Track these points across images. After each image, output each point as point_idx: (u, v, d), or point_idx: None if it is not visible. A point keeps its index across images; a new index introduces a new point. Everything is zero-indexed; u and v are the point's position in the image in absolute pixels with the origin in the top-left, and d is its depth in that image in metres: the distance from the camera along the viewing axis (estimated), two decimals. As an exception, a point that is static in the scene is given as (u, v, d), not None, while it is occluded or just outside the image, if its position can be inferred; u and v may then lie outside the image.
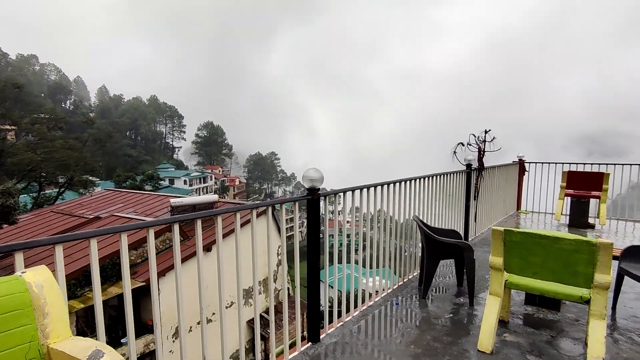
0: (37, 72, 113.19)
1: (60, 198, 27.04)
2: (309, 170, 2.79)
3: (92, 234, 1.96)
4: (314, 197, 2.84)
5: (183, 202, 13.78)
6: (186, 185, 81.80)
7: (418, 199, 4.34)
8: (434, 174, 4.57)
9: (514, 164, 7.82)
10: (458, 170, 5.07)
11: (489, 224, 6.65)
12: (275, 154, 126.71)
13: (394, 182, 3.96)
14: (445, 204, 4.77)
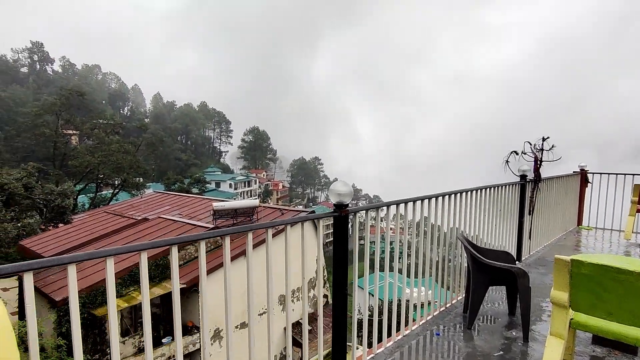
0: (100, 80, 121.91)
1: (114, 199, 28.63)
2: (337, 184, 2.51)
3: (108, 253, 1.79)
4: (342, 214, 2.55)
5: (225, 206, 13.97)
6: (231, 188, 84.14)
7: (464, 215, 3.90)
8: (483, 187, 4.10)
9: (575, 174, 7.05)
10: (511, 182, 4.55)
11: (545, 241, 6.00)
12: (319, 159, 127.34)
13: (436, 195, 3.57)
14: (495, 219, 4.28)
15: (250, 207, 14.41)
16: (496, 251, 3.47)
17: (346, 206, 2.55)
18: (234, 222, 14.68)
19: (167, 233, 13.21)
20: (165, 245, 2.12)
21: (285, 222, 2.56)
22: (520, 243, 4.88)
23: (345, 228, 2.65)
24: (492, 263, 3.02)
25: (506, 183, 4.45)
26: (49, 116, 27.40)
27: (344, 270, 2.69)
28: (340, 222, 2.65)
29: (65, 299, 9.69)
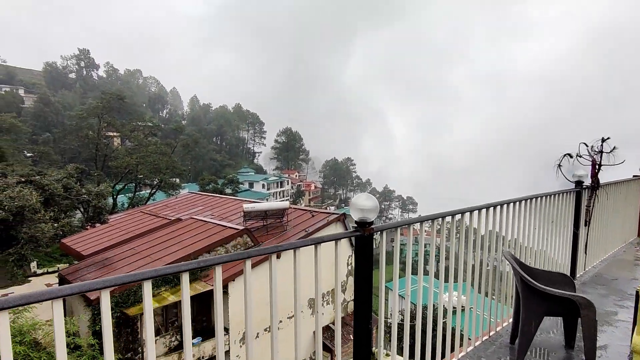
0: (141, 84, 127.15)
1: (152, 198, 29.52)
2: (359, 197, 2.11)
3: (103, 285, 1.54)
4: (365, 234, 2.17)
5: (255, 207, 13.90)
6: (264, 189, 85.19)
7: (510, 227, 3.42)
8: (534, 196, 3.61)
9: (635, 179, 6.29)
10: (565, 190, 4.00)
11: (602, 254, 5.33)
12: (351, 160, 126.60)
13: (477, 208, 3.14)
14: (545, 230, 3.77)
15: (280, 209, 14.26)
16: (550, 273, 2.96)
17: (370, 224, 2.14)
18: (265, 224, 14.58)
19: (198, 234, 13.29)
20: (172, 272, 1.83)
21: (293, 246, 2.16)
22: (575, 258, 4.30)
23: (369, 250, 2.26)
24: (549, 290, 2.55)
25: (560, 191, 3.90)
26: (92, 119, 28.65)
27: (366, 302, 2.29)
28: (364, 243, 2.22)
29: (98, 298, 9.88)
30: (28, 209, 8.15)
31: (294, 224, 14.86)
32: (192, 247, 12.29)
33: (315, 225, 14.32)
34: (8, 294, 18.00)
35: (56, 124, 70.09)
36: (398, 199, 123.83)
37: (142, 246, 13.13)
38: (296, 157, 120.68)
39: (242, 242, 12.97)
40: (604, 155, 3.97)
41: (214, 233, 13.10)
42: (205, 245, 12.24)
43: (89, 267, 12.09)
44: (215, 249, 12.41)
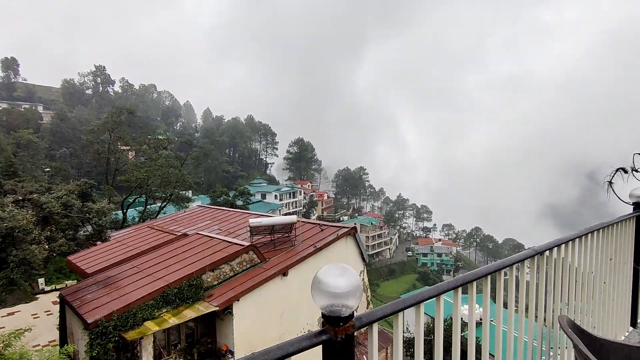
0: (155, 99, 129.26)
1: (162, 212, 29.34)
2: (327, 273, 1.23)
3: None
4: (338, 337, 1.23)
5: (262, 222, 13.37)
6: (277, 199, 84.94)
7: (561, 277, 2.64)
8: (590, 230, 2.84)
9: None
10: (622, 217, 3.23)
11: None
12: (364, 169, 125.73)
13: (514, 262, 2.30)
14: (602, 271, 2.94)
15: (288, 223, 13.70)
16: (628, 347, 2.13)
17: (349, 317, 1.25)
18: (272, 239, 14.04)
19: (202, 250, 12.80)
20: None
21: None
22: (637, 302, 3.55)
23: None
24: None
25: (619, 218, 3.15)
26: (104, 134, 28.78)
27: None
28: (338, 353, 1.24)
29: (96, 321, 9.42)
30: (19, 230, 7.81)
31: (302, 238, 14.27)
32: (196, 265, 11.79)
33: (324, 240, 13.69)
34: (15, 312, 17.81)
35: (73, 139, 71.39)
36: (412, 207, 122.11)
37: (146, 264, 12.70)
38: (308, 167, 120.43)
39: (247, 259, 12.42)
40: None
41: (218, 250, 12.60)
42: (209, 263, 11.72)
43: (90, 287, 11.69)
44: (220, 266, 11.88)
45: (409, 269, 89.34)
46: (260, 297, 11.87)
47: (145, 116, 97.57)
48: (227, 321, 11.31)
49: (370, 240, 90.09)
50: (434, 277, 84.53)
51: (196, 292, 11.06)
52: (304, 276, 12.82)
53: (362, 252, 14.73)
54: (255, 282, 11.70)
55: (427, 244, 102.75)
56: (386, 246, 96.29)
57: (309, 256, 12.81)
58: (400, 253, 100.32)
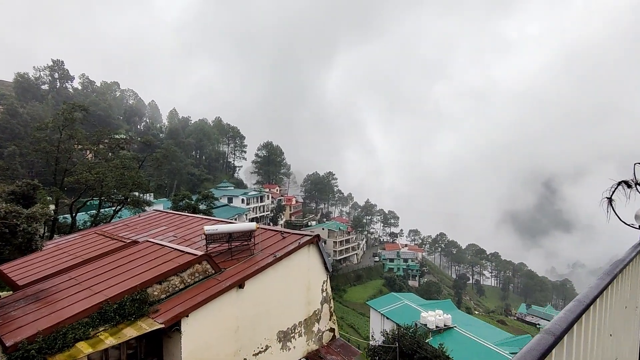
0: (118, 97, 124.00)
1: (117, 216, 27.51)
2: None
3: None
4: None
5: (218, 230, 12.40)
6: (244, 204, 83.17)
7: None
8: (608, 282, 2.03)
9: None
10: (635, 249, 2.58)
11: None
12: (333, 174, 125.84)
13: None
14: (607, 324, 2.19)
15: (247, 231, 12.81)
16: None
17: None
18: (229, 247, 13.09)
19: (151, 260, 11.69)
20: None
21: None
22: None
23: None
24: None
25: (631, 253, 2.43)
26: (53, 132, 26.69)
27: None
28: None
29: (17, 344, 8.17)
30: None
31: (262, 246, 13.41)
32: (142, 276, 10.67)
33: (286, 249, 12.90)
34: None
35: (24, 137, 66.87)
36: (380, 213, 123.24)
37: (86, 275, 11.43)
38: (277, 171, 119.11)
39: (201, 270, 11.43)
40: None
41: (169, 259, 11.51)
42: (157, 275, 10.65)
43: (18, 302, 10.31)
44: (169, 278, 10.82)
45: (375, 275, 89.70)
46: (213, 312, 10.90)
47: (106, 115, 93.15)
48: (175, 339, 10.27)
49: (337, 246, 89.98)
50: (400, 283, 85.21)
51: (140, 307, 9.95)
52: (263, 288, 11.98)
53: (325, 261, 14.03)
54: (208, 295, 10.72)
55: (394, 249, 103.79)
56: (354, 251, 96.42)
57: (268, 266, 11.97)
58: (368, 258, 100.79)
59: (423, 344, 28.69)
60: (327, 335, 14.75)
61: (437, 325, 36.97)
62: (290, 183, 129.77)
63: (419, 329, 31.14)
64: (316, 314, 14.18)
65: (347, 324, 58.38)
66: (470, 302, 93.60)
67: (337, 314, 61.28)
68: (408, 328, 29.36)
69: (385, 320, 40.81)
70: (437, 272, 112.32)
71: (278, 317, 12.87)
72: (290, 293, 13.22)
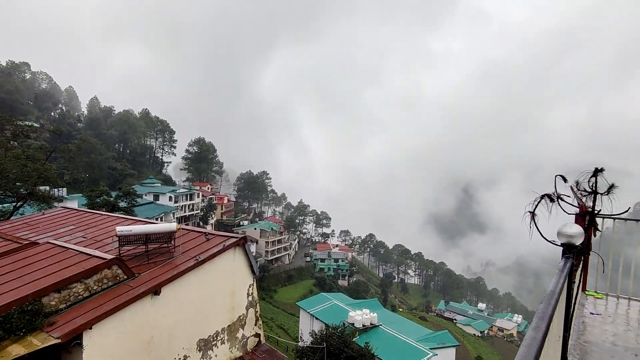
0: (28, 80, 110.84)
1: (18, 213, 24.34)
2: None
3: None
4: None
5: (132, 230, 11.32)
6: (171, 202, 78.82)
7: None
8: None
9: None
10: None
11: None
12: (267, 173, 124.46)
13: None
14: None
15: (167, 232, 11.86)
16: None
17: None
18: (146, 250, 12.03)
19: (51, 264, 10.31)
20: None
21: None
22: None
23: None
24: None
25: (557, 289, 2.14)
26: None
27: None
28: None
29: None
30: None
31: (184, 249, 12.52)
32: (37, 283, 9.33)
33: (210, 251, 12.16)
34: None
35: None
36: (312, 213, 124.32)
37: (-35, 283, 9.74)
38: (209, 168, 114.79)
39: (110, 276, 10.31)
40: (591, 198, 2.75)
41: (72, 264, 10.23)
42: (56, 282, 9.39)
43: None
44: (71, 285, 9.60)
45: (306, 275, 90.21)
46: (123, 322, 9.89)
47: (12, 99, 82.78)
48: (76, 355, 9.13)
49: (270, 246, 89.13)
50: (330, 282, 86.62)
51: (31, 320, 8.68)
52: (182, 294, 11.17)
53: (252, 263, 13.51)
54: (117, 304, 9.68)
55: (325, 249, 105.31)
56: (286, 252, 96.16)
57: (188, 270, 11.18)
58: (299, 258, 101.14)
59: (350, 343, 29.26)
60: (252, 341, 14.23)
61: (363, 324, 38.01)
62: (223, 181, 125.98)
63: (346, 329, 31.73)
64: (241, 320, 13.60)
65: (277, 325, 57.85)
66: (395, 300, 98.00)
67: (267, 315, 60.37)
68: (336, 328, 29.74)
69: (315, 321, 41.07)
70: (366, 272, 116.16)
71: (199, 325, 12.10)
72: (212, 298, 12.51)
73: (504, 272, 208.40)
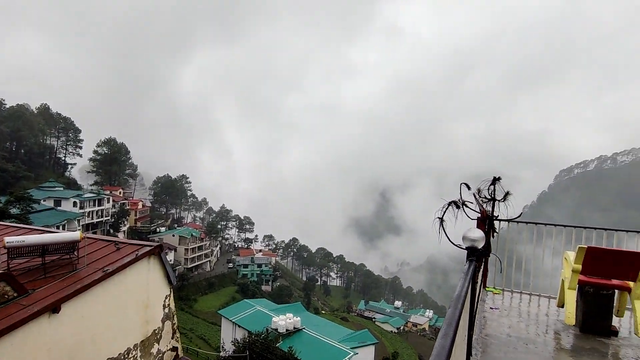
0: None
1: None
2: None
3: None
4: None
5: (25, 241, 9.99)
6: (76, 207, 71.35)
7: None
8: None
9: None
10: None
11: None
12: (186, 177, 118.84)
13: None
14: None
15: (69, 242, 10.68)
16: None
17: None
18: (44, 262, 10.72)
19: None
20: None
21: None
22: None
23: None
24: None
25: (462, 291, 2.23)
26: None
27: None
28: None
29: None
30: None
31: (89, 260, 11.38)
32: None
33: (119, 262, 11.20)
34: None
35: None
36: (235, 218, 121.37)
37: None
38: (121, 171, 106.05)
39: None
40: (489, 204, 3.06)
41: (-55, 282, 8.74)
42: None
43: None
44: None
45: (229, 281, 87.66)
46: (12, 346, 8.70)
47: None
48: (-52, 389, 7.80)
49: (190, 253, 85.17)
50: (254, 288, 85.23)
51: None
52: (87, 310, 10.14)
53: (168, 273, 12.74)
54: (5, 326, 8.49)
55: (249, 254, 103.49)
56: (207, 259, 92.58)
57: (94, 284, 10.19)
58: (221, 265, 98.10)
59: (273, 349, 29.01)
60: (168, 355, 13.38)
61: (287, 329, 37.98)
62: (137, 185, 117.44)
63: (270, 334, 31.43)
64: (156, 334, 12.72)
65: (198, 336, 55.25)
66: (318, 303, 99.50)
67: (187, 326, 57.38)
68: (259, 334, 29.31)
69: (237, 329, 40.02)
70: (290, 276, 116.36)
71: (107, 343, 11.04)
72: (123, 313, 11.51)
73: (417, 270, 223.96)
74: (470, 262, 2.51)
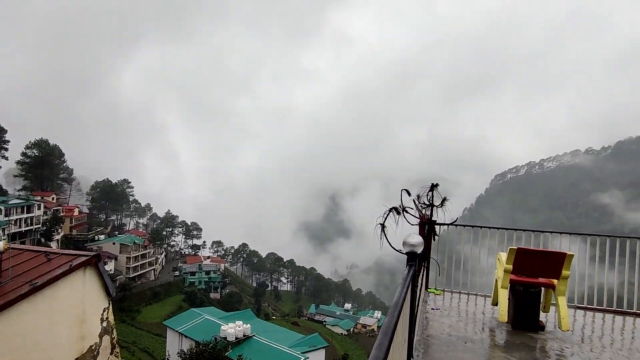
0: None
1: None
2: None
3: None
4: None
5: (-62, 255, 8.96)
6: (1, 215, 64.97)
7: None
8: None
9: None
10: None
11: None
12: (128, 182, 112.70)
13: None
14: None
15: (-13, 254, 9.74)
16: None
17: None
18: (-40, 278, 9.66)
19: None
20: None
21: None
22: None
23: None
24: None
25: (400, 297, 2.23)
26: None
27: None
28: None
29: None
30: None
31: (15, 272, 10.43)
32: None
33: (50, 274, 10.37)
34: None
35: None
36: (182, 224, 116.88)
37: None
38: (55, 175, 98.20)
39: None
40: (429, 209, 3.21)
41: None
42: None
43: None
44: None
45: (175, 290, 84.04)
46: None
47: None
48: None
49: (132, 262, 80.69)
50: (202, 296, 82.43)
51: None
52: (11, 328, 9.27)
53: (107, 285, 11.99)
54: None
55: (196, 262, 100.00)
56: (151, 267, 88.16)
57: (20, 299, 9.34)
58: (167, 273, 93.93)
59: (222, 358, 28.20)
60: (107, 371, 12.56)
61: (236, 337, 37.12)
62: (73, 190, 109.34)
63: (218, 344, 30.50)
64: (93, 350, 11.88)
65: (141, 349, 52.28)
66: (268, 308, 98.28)
67: (129, 339, 54.26)
68: (207, 344, 28.36)
69: (184, 339, 38.47)
70: (239, 282, 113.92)
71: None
72: (56, 330, 10.64)
73: (366, 272, 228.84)
74: (410, 267, 2.64)
